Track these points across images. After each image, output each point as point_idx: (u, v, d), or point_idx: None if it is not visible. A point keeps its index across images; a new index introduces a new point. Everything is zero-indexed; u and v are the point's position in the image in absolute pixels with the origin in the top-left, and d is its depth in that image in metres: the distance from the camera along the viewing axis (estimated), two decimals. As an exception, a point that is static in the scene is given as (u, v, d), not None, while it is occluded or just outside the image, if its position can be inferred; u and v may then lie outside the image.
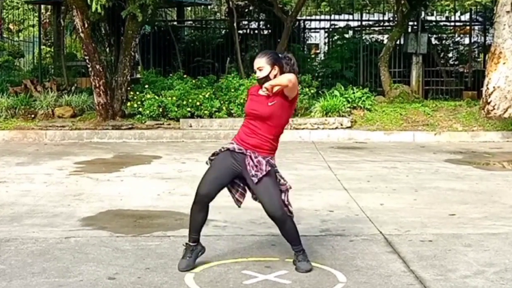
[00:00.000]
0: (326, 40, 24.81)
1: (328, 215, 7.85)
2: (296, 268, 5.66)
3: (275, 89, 5.43)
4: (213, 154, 5.74)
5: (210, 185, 5.62)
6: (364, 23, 23.49)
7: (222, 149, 5.69)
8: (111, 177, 10.53)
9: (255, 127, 5.61)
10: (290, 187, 5.76)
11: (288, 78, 5.46)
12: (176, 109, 16.30)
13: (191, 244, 5.72)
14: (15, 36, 36.29)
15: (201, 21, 26.82)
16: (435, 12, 27.71)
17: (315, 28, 26.01)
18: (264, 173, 5.48)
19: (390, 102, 18.12)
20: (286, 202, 5.68)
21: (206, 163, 5.78)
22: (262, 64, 5.64)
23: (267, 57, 5.68)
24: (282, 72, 5.65)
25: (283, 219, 5.59)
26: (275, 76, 5.61)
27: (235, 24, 20.67)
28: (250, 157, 5.53)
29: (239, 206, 5.82)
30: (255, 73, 5.76)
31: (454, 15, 26.10)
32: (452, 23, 25.16)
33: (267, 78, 5.60)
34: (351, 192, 9.26)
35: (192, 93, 16.59)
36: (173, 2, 24.49)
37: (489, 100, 16.33)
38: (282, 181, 5.66)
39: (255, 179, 5.48)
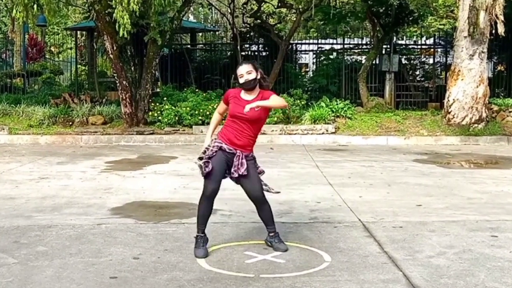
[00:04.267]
0: (314, 60, 24.81)
1: (316, 206, 7.85)
2: (274, 248, 5.67)
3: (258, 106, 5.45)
4: (204, 153, 5.59)
5: (215, 182, 5.56)
6: (346, 46, 23.50)
7: (213, 149, 5.58)
8: (135, 174, 10.53)
9: (243, 128, 5.61)
10: (263, 171, 5.83)
11: (283, 103, 5.77)
12: (189, 118, 16.31)
13: (201, 235, 5.63)
14: (55, 57, 36.38)
15: (210, 45, 26.81)
16: (404, 37, 27.67)
17: (305, 50, 25.98)
18: (237, 175, 5.53)
19: (368, 112, 18.10)
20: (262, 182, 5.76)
21: (200, 159, 5.58)
22: (251, 68, 5.59)
23: (252, 64, 5.69)
24: (261, 77, 5.68)
25: (263, 200, 5.66)
26: (258, 80, 5.63)
27: (238, 47, 20.68)
28: (239, 157, 5.56)
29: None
30: (240, 77, 5.60)
31: (421, 39, 26.06)
32: (419, 46, 25.12)
33: (255, 80, 5.60)
34: (335, 186, 9.26)
35: (203, 105, 16.59)
36: (187, 28, 24.50)
37: (449, 110, 16.32)
38: (257, 165, 5.77)
39: (234, 175, 5.55)
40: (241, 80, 5.61)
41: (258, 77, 5.63)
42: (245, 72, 5.57)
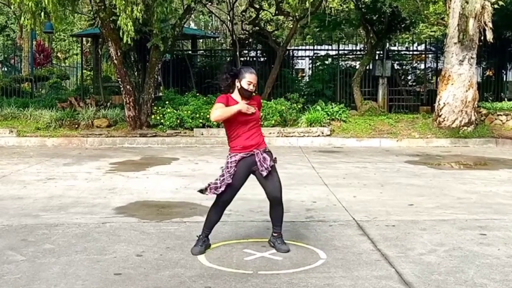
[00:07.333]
0: (310, 66, 24.76)
1: (312, 205, 7.85)
2: (277, 249, 5.60)
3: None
4: (222, 176, 5.48)
5: (230, 196, 5.52)
6: (340, 52, 23.56)
7: (232, 166, 5.47)
8: (138, 175, 10.53)
9: (251, 129, 5.58)
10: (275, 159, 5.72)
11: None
12: (190, 121, 16.30)
13: (203, 237, 5.63)
14: (62, 62, 36.39)
15: (211, 51, 26.80)
16: (397, 43, 27.69)
17: (302, 56, 25.96)
18: (270, 168, 5.49)
19: (361, 115, 18.11)
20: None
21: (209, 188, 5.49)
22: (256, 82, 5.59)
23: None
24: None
25: (280, 201, 5.59)
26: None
27: (237, 53, 20.67)
28: (257, 154, 5.52)
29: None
30: (249, 84, 5.50)
31: (412, 45, 26.09)
32: (411, 52, 25.16)
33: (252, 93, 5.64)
34: (330, 186, 9.26)
35: (203, 108, 16.58)
36: (188, 35, 24.49)
37: (440, 114, 16.32)
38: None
39: (264, 173, 5.48)
40: (250, 87, 5.51)
41: None
42: (255, 81, 5.54)
